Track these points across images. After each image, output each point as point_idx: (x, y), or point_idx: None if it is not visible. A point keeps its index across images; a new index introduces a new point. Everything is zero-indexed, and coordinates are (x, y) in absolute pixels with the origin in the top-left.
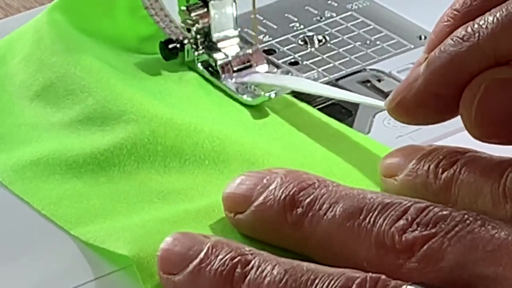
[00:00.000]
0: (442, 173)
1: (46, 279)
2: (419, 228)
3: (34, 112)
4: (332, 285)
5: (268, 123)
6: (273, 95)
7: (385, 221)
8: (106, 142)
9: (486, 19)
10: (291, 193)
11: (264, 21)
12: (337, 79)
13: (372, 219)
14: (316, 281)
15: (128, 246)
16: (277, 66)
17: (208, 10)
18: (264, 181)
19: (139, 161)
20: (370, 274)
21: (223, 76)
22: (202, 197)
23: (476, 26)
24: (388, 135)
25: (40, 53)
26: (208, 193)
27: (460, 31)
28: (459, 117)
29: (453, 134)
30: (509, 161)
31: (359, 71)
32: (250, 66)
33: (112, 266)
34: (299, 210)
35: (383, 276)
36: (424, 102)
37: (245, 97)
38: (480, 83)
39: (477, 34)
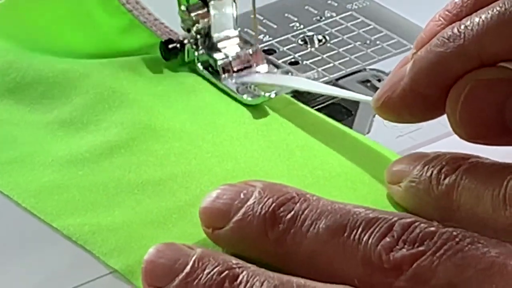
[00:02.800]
0: (444, 179)
1: (46, 279)
2: (406, 246)
3: (5, 108)
4: None
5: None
6: (273, 95)
7: (371, 239)
8: (84, 144)
9: (472, 20)
10: (271, 208)
11: (264, 21)
12: (337, 79)
13: (357, 236)
14: None
15: (113, 254)
16: (277, 66)
17: (208, 10)
18: (242, 195)
19: (117, 158)
20: None
21: (223, 76)
22: (182, 188)
23: (462, 27)
24: (388, 135)
25: (15, 49)
26: (188, 184)
27: (447, 32)
28: None
29: (453, 134)
30: (510, 168)
31: (359, 71)
32: (250, 66)
33: (112, 266)
34: (281, 226)
35: None
36: (409, 102)
37: (245, 97)
38: (465, 84)
39: (462, 35)
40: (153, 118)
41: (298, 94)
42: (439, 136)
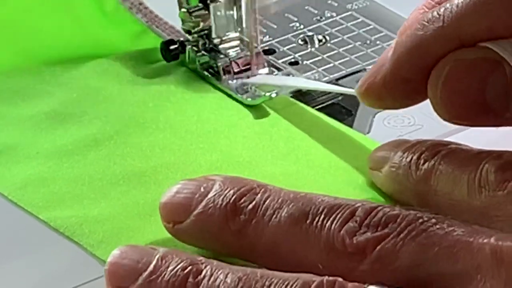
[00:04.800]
0: (423, 164)
1: (46, 279)
2: (369, 230)
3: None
4: None
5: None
6: (273, 95)
7: (333, 224)
8: (68, 135)
9: (451, 3)
10: (231, 200)
11: (264, 21)
12: (337, 79)
13: (319, 223)
14: (272, 286)
15: (101, 245)
16: (278, 68)
17: (208, 12)
18: (202, 189)
19: (102, 151)
20: (327, 277)
21: (223, 77)
22: (167, 179)
23: (441, 10)
24: (388, 135)
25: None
26: (173, 175)
27: (427, 15)
28: None
29: (453, 134)
30: (487, 153)
31: (359, 71)
32: (251, 68)
33: (99, 257)
34: (242, 217)
35: (340, 279)
36: (391, 87)
37: (245, 97)
38: (445, 65)
39: (441, 18)
40: (138, 110)
41: (298, 94)
42: (439, 136)
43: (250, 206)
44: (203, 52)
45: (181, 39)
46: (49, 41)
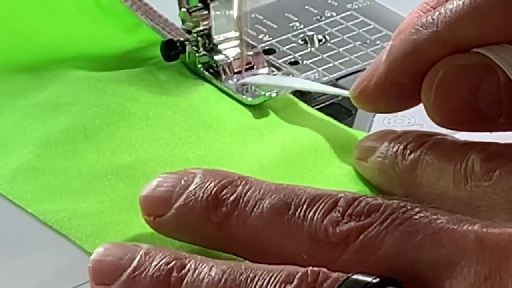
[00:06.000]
0: (409, 154)
1: (46, 279)
2: (352, 219)
3: None
4: (273, 281)
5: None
6: (273, 95)
7: (316, 215)
8: (58, 124)
9: (446, 7)
10: (213, 192)
11: (264, 20)
12: (337, 79)
13: (302, 213)
14: (256, 278)
15: (89, 239)
16: (278, 68)
17: (208, 12)
18: (182, 182)
19: (91, 143)
20: (311, 267)
21: (223, 77)
22: (155, 173)
23: (436, 14)
24: None
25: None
26: (161, 169)
27: (421, 20)
28: None
29: (453, 134)
30: (473, 144)
31: (359, 71)
32: (251, 67)
33: (88, 251)
34: (224, 209)
35: (324, 269)
36: (384, 91)
37: (245, 97)
38: (438, 70)
39: (435, 22)
40: (128, 105)
41: (298, 94)
42: None
43: (232, 198)
44: (203, 52)
45: (181, 39)
46: (44, 35)
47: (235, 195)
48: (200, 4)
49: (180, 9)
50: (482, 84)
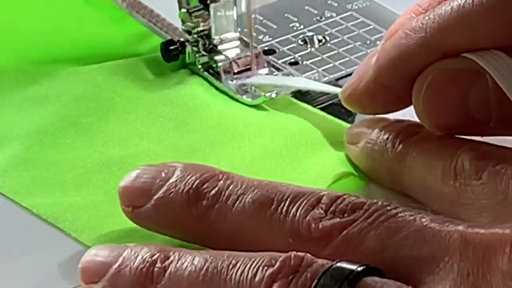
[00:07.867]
0: (400, 143)
1: (46, 279)
2: (336, 216)
3: None
4: (255, 265)
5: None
6: (273, 95)
7: (299, 211)
8: (48, 115)
9: (435, 12)
10: (194, 185)
11: (264, 21)
12: (337, 79)
13: (284, 209)
14: (238, 264)
15: (84, 230)
16: (278, 69)
17: (208, 13)
18: (163, 174)
19: (82, 137)
20: (295, 252)
21: (223, 77)
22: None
23: (425, 19)
24: None
25: None
26: (152, 160)
27: (410, 24)
28: None
29: None
30: (464, 141)
31: None
32: (251, 68)
33: (83, 243)
34: (204, 202)
35: (309, 254)
36: (373, 94)
37: (245, 97)
38: (428, 74)
39: (424, 27)
40: (116, 98)
41: (298, 94)
42: None
43: (213, 191)
44: (203, 52)
45: (181, 39)
46: (32, 30)
47: (216, 188)
48: (200, 5)
49: (180, 9)
50: (471, 89)
